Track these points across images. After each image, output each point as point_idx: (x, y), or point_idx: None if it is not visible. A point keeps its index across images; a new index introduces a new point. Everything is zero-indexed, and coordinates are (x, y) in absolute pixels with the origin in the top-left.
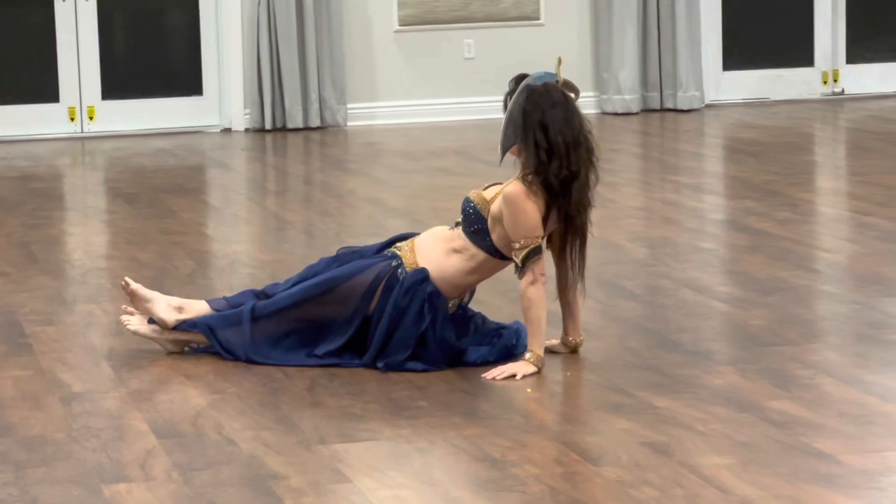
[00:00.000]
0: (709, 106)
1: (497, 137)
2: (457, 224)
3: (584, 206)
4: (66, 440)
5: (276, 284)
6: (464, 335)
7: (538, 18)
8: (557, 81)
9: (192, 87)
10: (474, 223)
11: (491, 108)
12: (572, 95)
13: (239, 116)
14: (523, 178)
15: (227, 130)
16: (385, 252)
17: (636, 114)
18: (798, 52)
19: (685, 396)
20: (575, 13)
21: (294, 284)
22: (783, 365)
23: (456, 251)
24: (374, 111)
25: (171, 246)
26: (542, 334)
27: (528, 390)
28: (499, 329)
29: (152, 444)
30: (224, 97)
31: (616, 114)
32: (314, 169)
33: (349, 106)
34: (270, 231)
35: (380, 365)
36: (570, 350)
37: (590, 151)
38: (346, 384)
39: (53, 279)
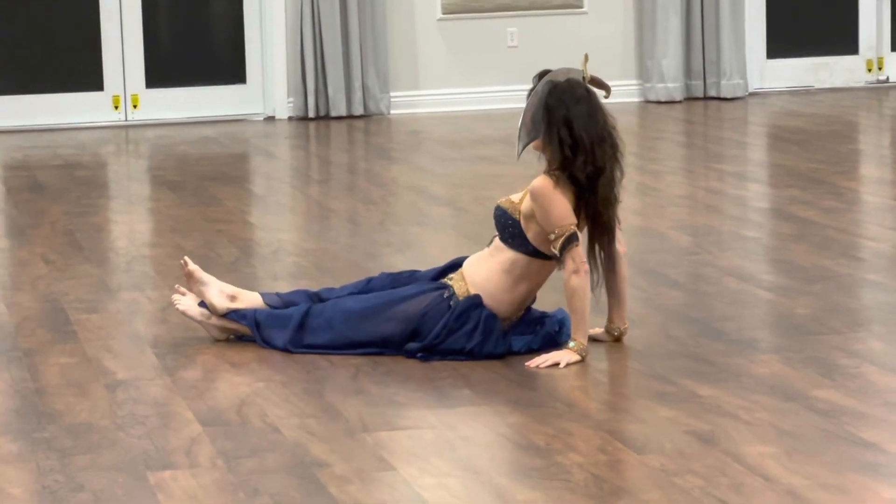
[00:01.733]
0: (752, 94)
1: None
2: (493, 238)
3: (610, 202)
4: (112, 427)
5: (331, 290)
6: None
7: (581, 6)
8: (584, 78)
9: (236, 75)
10: (508, 227)
11: None
12: (603, 93)
13: (282, 104)
14: (549, 173)
15: (271, 118)
16: (439, 281)
17: (679, 102)
18: (842, 39)
19: (729, 385)
20: (619, 1)
21: (349, 294)
22: (828, 354)
23: (499, 264)
24: (417, 99)
25: (215, 234)
26: (586, 323)
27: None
28: (542, 317)
29: (197, 431)
30: (268, 85)
31: (659, 102)
32: (357, 157)
33: (392, 94)
34: (314, 219)
35: (419, 355)
36: (614, 339)
37: (614, 147)
38: (391, 372)
39: (98, 267)
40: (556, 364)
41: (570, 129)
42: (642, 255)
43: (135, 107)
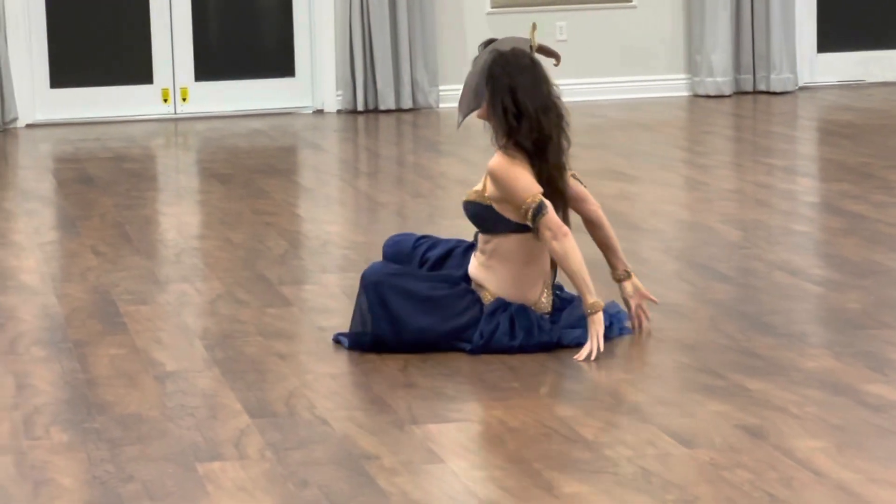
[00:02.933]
0: (802, 88)
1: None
2: (475, 239)
3: (561, 167)
4: (161, 418)
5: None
6: (556, 320)
7: (630, 0)
8: (531, 47)
9: (285, 68)
10: (483, 216)
11: (583, 91)
12: (553, 61)
13: (331, 98)
14: (502, 150)
15: (320, 112)
16: (469, 288)
17: (728, 96)
18: (893, 33)
19: (779, 379)
20: None
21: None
22: (878, 348)
23: (495, 258)
24: None
25: (264, 226)
26: (587, 281)
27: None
28: None
29: (246, 422)
30: (316, 78)
31: (708, 96)
32: (406, 150)
33: (441, 88)
34: (362, 212)
35: (468, 347)
36: (630, 282)
37: (559, 116)
38: (439, 365)
39: (147, 259)
40: (598, 347)
41: (515, 97)
42: (692, 249)
43: (184, 100)
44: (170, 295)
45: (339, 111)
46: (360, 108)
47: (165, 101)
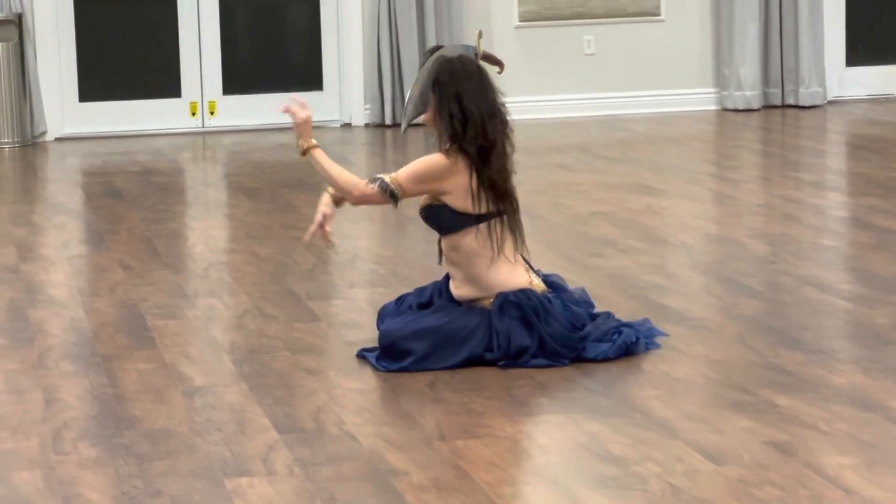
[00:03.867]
0: (831, 102)
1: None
2: (439, 255)
3: (505, 172)
4: (189, 433)
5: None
6: (579, 328)
7: (658, 14)
8: (477, 55)
9: (313, 81)
10: (443, 217)
11: (612, 105)
12: (496, 69)
13: (359, 111)
14: (445, 152)
15: (347, 125)
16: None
17: (757, 110)
18: None
19: (808, 395)
20: (696, 8)
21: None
22: None
23: (466, 259)
24: None
25: (292, 241)
26: (326, 171)
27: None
28: (620, 326)
29: (274, 438)
30: (344, 92)
31: (737, 110)
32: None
33: None
34: (390, 227)
35: (501, 363)
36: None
37: (504, 123)
38: (467, 380)
39: (175, 273)
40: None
41: (461, 104)
42: (720, 263)
43: (212, 113)
44: (198, 309)
45: (366, 125)
46: (387, 121)
47: (193, 114)
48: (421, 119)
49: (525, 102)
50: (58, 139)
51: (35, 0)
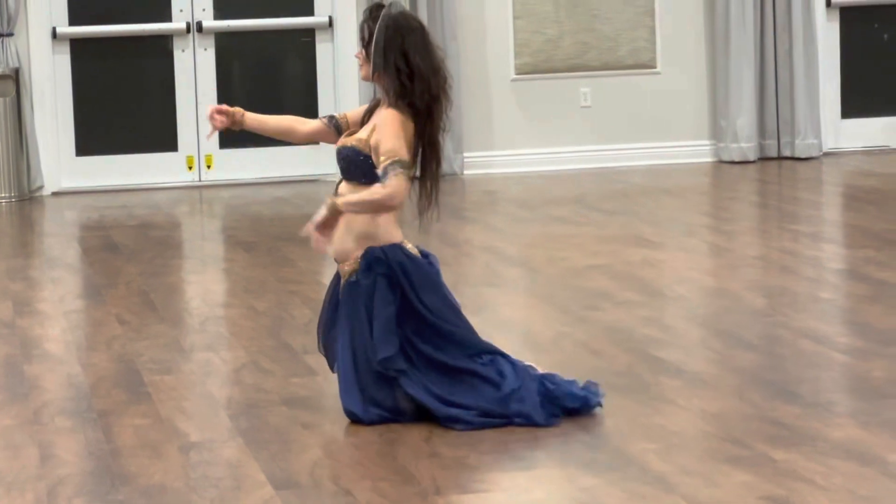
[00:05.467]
0: (827, 154)
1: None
2: (338, 183)
3: (443, 129)
4: (185, 489)
5: None
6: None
7: (655, 66)
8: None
9: None
10: (359, 163)
11: (608, 157)
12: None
13: None
14: (395, 105)
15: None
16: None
17: (753, 162)
18: None
19: (805, 449)
20: (692, 61)
21: None
22: None
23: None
24: (491, 160)
25: (288, 294)
26: (358, 203)
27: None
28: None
29: (269, 494)
30: None
31: (733, 162)
32: (430, 217)
33: (466, 154)
34: None
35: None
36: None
37: (444, 78)
38: (463, 434)
39: (172, 327)
40: (314, 223)
41: (407, 58)
42: (717, 315)
43: (208, 167)
44: (194, 364)
45: None
46: None
47: (190, 168)
48: (362, 74)
49: (522, 155)
50: (55, 193)
51: (32, 54)
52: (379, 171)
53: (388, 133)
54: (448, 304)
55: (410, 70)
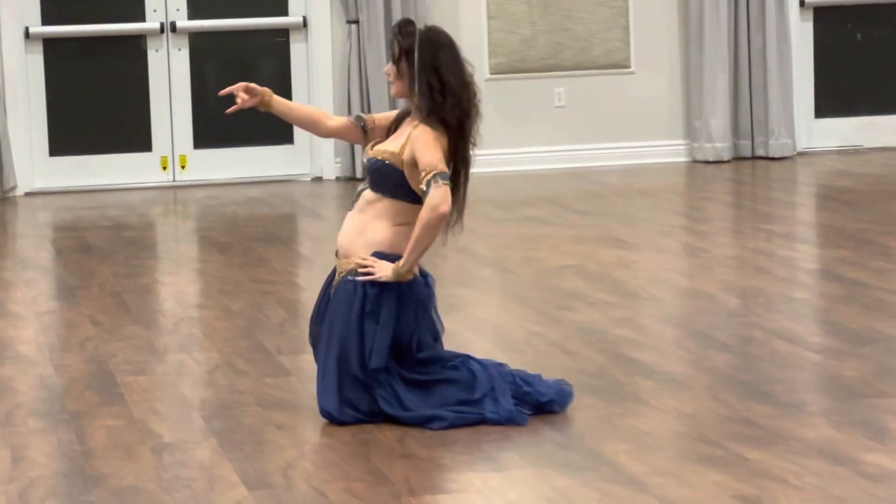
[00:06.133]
0: (801, 153)
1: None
2: (358, 197)
3: (473, 143)
4: (158, 490)
5: None
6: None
7: (629, 66)
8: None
9: (284, 135)
10: (389, 177)
11: (583, 157)
12: None
13: (330, 165)
14: (426, 121)
15: (318, 179)
16: (338, 284)
17: (727, 162)
18: (891, 98)
19: (778, 449)
20: (666, 61)
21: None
22: (878, 417)
23: (381, 214)
24: None
25: (263, 295)
26: (418, 253)
27: None
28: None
29: (242, 495)
30: (315, 146)
31: (707, 162)
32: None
33: None
34: None
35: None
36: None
37: (474, 93)
38: (436, 434)
39: (145, 329)
40: (370, 272)
41: (439, 74)
42: (691, 316)
43: (183, 167)
44: (168, 365)
45: (337, 178)
46: (359, 175)
47: (164, 168)
48: (393, 91)
49: (496, 155)
50: (28, 194)
51: (5, 54)
52: (422, 187)
53: (425, 148)
54: (431, 326)
55: (442, 86)
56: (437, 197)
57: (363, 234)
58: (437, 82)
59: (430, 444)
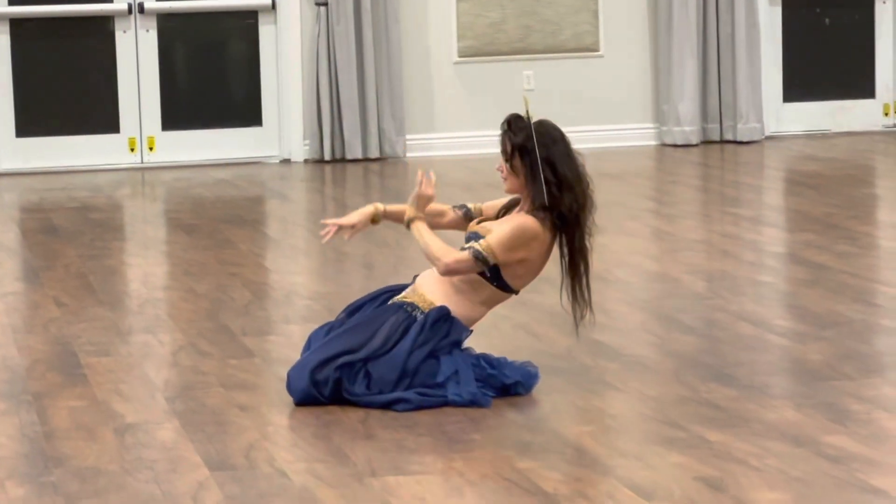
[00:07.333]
0: (769, 138)
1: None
2: (463, 250)
3: (589, 233)
4: (119, 471)
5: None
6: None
7: (598, 50)
8: (529, 120)
9: (252, 117)
10: (483, 265)
11: None
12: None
13: (298, 147)
14: (535, 214)
15: (287, 161)
16: (393, 303)
17: (696, 145)
18: (859, 83)
19: (740, 431)
20: (635, 44)
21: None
22: (839, 399)
23: (457, 286)
24: (433, 142)
25: (229, 277)
26: (422, 242)
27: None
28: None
29: (205, 476)
30: (283, 128)
31: (675, 145)
32: (373, 200)
33: (408, 137)
34: (328, 263)
35: (397, 406)
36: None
37: (587, 183)
38: (400, 416)
39: (110, 310)
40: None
41: (554, 168)
42: (657, 300)
43: (151, 149)
44: (132, 346)
45: (306, 161)
46: (327, 157)
47: (132, 150)
48: (506, 188)
49: (465, 137)
50: None
51: None
52: (465, 245)
53: (504, 235)
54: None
55: (559, 181)
56: (456, 255)
57: (443, 287)
58: (552, 177)
59: (392, 426)
